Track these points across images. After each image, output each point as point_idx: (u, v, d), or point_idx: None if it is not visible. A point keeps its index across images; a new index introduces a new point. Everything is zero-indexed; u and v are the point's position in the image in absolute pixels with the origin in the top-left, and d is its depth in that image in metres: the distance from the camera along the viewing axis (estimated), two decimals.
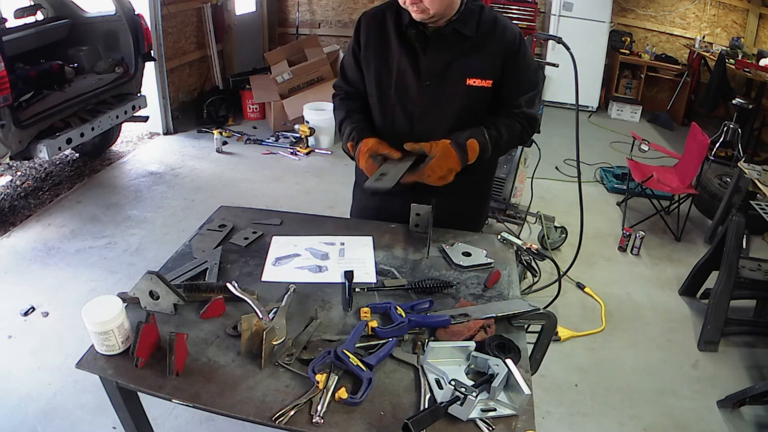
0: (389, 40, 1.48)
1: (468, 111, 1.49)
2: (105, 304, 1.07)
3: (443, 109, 1.49)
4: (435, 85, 1.47)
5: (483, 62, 1.45)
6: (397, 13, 1.47)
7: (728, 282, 2.68)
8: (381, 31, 1.50)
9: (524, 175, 3.26)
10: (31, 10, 3.89)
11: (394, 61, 1.49)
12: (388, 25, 1.48)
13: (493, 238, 1.60)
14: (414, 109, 1.51)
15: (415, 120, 1.51)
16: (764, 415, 2.29)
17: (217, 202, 1.79)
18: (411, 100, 1.50)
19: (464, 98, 1.48)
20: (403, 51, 1.47)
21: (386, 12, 1.50)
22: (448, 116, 1.50)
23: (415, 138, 1.48)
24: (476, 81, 1.45)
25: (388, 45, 1.49)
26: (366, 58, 1.54)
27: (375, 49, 1.51)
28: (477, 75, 1.45)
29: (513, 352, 1.13)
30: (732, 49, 5.78)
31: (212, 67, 5.64)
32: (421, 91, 1.48)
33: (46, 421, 2.02)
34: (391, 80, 1.50)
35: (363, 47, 1.53)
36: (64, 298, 2.68)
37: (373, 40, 1.51)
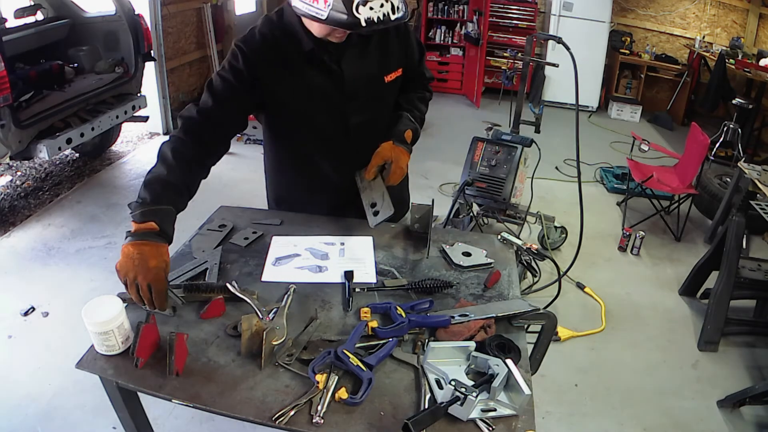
0: (294, 67, 1.38)
1: (391, 102, 1.57)
2: (105, 304, 1.07)
3: (375, 115, 1.52)
4: (360, 94, 1.46)
5: (389, 55, 1.48)
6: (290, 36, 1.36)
7: (728, 282, 2.68)
8: (278, 60, 1.37)
9: (524, 175, 3.26)
10: (31, 10, 3.89)
11: (308, 87, 1.40)
12: (285, 52, 1.37)
13: (493, 238, 1.60)
14: (349, 123, 1.48)
15: (351, 131, 1.49)
16: (764, 415, 2.29)
17: (217, 202, 1.78)
18: (342, 116, 1.47)
19: (386, 93, 1.54)
20: (315, 74, 1.39)
21: (276, 38, 1.37)
22: (379, 116, 1.54)
23: (352, 147, 1.50)
24: (392, 75, 1.50)
25: (294, 74, 1.39)
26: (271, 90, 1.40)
27: (280, 82, 1.39)
28: (391, 69, 1.50)
29: (513, 352, 1.13)
30: (732, 49, 5.78)
31: (212, 67, 5.64)
32: (349, 104, 1.46)
33: (46, 421, 2.02)
34: (313, 102, 1.43)
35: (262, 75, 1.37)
36: (64, 298, 2.68)
37: (273, 73, 1.38)
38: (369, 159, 1.48)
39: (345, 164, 1.54)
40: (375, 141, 1.49)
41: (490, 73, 6.46)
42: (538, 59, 5.28)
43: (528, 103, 4.70)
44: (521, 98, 3.34)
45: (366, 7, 1.13)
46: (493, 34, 6.34)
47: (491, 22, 6.16)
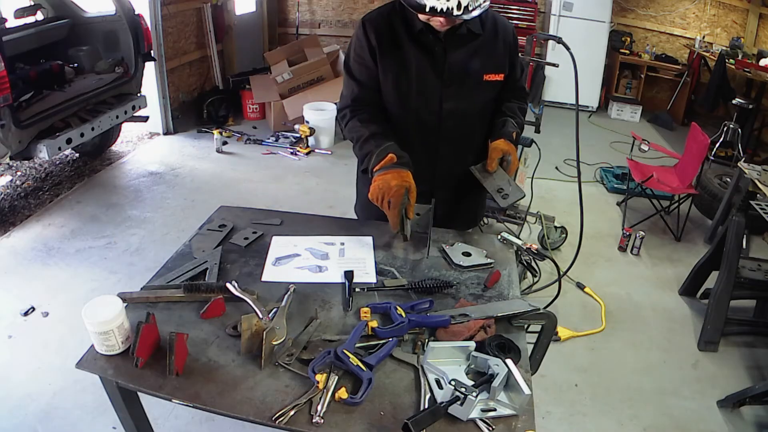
0: (402, 44, 1.50)
1: (486, 103, 1.63)
2: (105, 304, 1.07)
3: (468, 105, 1.59)
4: (457, 84, 1.54)
5: (495, 58, 1.57)
6: (404, 18, 1.49)
7: (728, 282, 2.67)
8: (391, 35, 1.50)
9: (524, 175, 3.25)
10: (31, 10, 3.89)
11: (411, 64, 1.51)
12: (397, 29, 1.50)
13: (493, 238, 1.60)
14: (441, 109, 1.55)
15: (444, 118, 1.57)
16: (764, 415, 2.29)
17: (217, 202, 1.78)
18: (435, 100, 1.54)
19: (483, 93, 1.60)
20: (420, 54, 1.50)
21: (391, 17, 1.51)
22: (472, 111, 1.61)
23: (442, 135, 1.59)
24: (492, 76, 1.58)
25: (401, 49, 1.50)
26: (383, 60, 1.52)
27: (390, 54, 1.51)
28: (492, 70, 1.57)
29: (513, 352, 1.13)
30: (732, 49, 5.78)
31: (212, 67, 5.64)
32: (444, 91, 1.53)
33: (46, 421, 2.02)
34: (411, 83, 1.52)
35: (378, 49, 1.51)
36: (64, 298, 2.67)
37: (386, 44, 1.51)
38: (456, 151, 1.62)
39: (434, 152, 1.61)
40: (464, 135, 1.61)
41: None
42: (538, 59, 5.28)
43: (528, 103, 4.69)
44: None
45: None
46: None
47: None
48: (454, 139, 1.60)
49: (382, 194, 1.42)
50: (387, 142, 1.48)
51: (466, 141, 1.64)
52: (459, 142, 1.62)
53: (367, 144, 1.50)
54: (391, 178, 1.42)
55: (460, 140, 1.62)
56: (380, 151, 1.46)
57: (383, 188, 1.42)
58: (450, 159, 1.63)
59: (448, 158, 1.63)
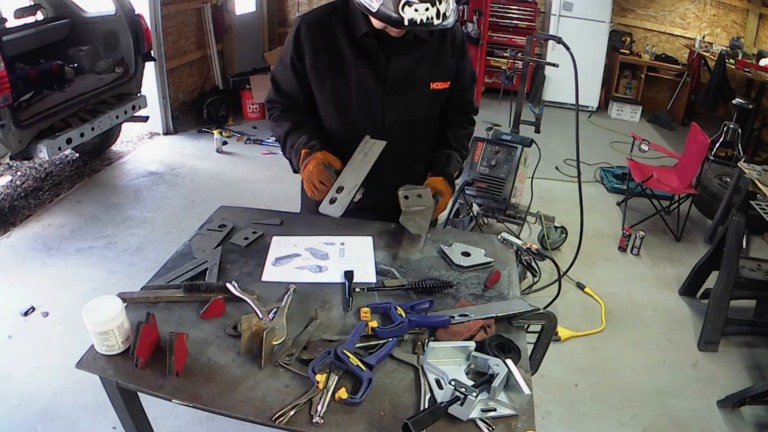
0: (341, 49, 1.42)
1: (431, 113, 1.56)
2: (105, 304, 1.07)
3: (412, 116, 1.52)
4: (401, 93, 1.46)
5: (442, 64, 1.50)
6: (345, 21, 1.41)
7: (728, 282, 2.67)
8: (329, 40, 1.42)
9: (524, 175, 3.25)
10: (31, 10, 3.88)
11: (350, 71, 1.43)
12: (336, 33, 1.41)
13: (493, 238, 1.60)
14: (383, 118, 1.48)
15: (386, 129, 1.50)
16: (764, 415, 2.29)
17: (217, 202, 1.78)
18: (377, 110, 1.48)
19: (429, 102, 1.53)
20: (360, 60, 1.42)
21: (330, 20, 1.42)
22: (416, 121, 1.54)
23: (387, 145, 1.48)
24: (439, 84, 1.50)
25: (340, 55, 1.42)
26: (315, 69, 1.45)
27: (327, 60, 1.43)
28: (439, 78, 1.50)
29: (513, 352, 1.13)
30: (732, 49, 5.78)
31: (212, 67, 5.64)
32: (387, 99, 1.46)
33: (46, 421, 2.02)
34: (351, 91, 1.45)
35: (309, 58, 1.44)
36: (64, 298, 2.67)
37: (323, 49, 1.42)
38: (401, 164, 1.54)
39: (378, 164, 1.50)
40: (408, 148, 1.53)
41: (490, 73, 6.46)
42: (538, 59, 5.28)
43: (528, 103, 4.70)
44: (521, 98, 3.34)
45: (411, 8, 1.20)
46: (493, 34, 6.34)
47: (491, 22, 6.15)
48: (399, 150, 1.51)
49: (311, 184, 1.44)
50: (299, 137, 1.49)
51: (412, 152, 1.57)
52: (404, 153, 1.54)
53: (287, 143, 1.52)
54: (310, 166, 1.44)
55: (405, 152, 1.54)
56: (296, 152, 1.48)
57: (309, 179, 1.44)
58: (395, 171, 1.53)
59: (393, 171, 1.52)
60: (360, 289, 1.31)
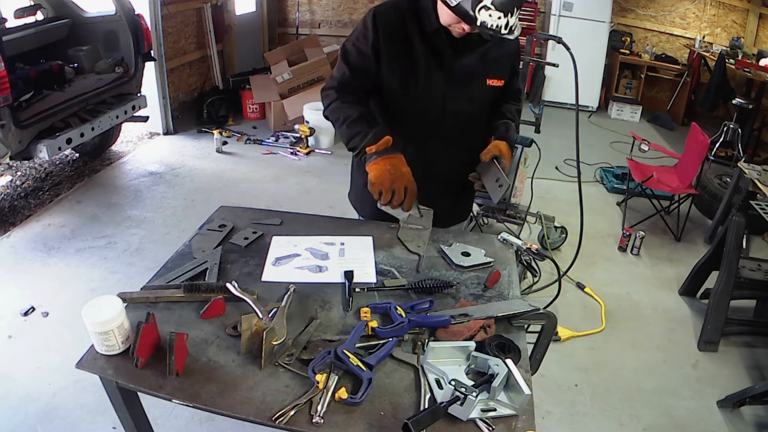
0: (412, 42, 1.51)
1: (486, 106, 1.67)
2: (105, 304, 1.07)
3: (470, 107, 1.61)
4: (462, 86, 1.56)
5: (498, 64, 1.61)
6: (417, 16, 1.50)
7: (728, 282, 2.67)
8: (402, 32, 1.51)
9: (524, 175, 3.25)
10: (31, 10, 3.88)
11: (419, 62, 1.52)
12: (409, 27, 1.51)
13: (493, 238, 1.60)
14: (444, 108, 1.57)
15: (446, 118, 1.59)
16: (764, 415, 2.29)
17: (217, 202, 1.78)
18: (439, 100, 1.56)
19: (485, 96, 1.64)
20: (428, 53, 1.51)
21: (403, 12, 1.51)
22: (473, 113, 1.64)
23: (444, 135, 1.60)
24: (494, 81, 1.61)
25: (412, 47, 1.51)
26: (389, 55, 1.52)
27: (400, 51, 1.52)
28: (495, 76, 1.61)
29: (513, 352, 1.13)
30: (732, 49, 5.78)
31: (212, 67, 5.64)
32: (450, 91, 1.56)
33: (46, 421, 2.02)
34: (419, 80, 1.54)
35: (384, 46, 1.51)
36: (64, 298, 2.67)
37: (396, 39, 1.51)
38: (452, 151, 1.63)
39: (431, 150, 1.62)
40: (463, 135, 1.63)
41: None
42: (538, 59, 5.28)
43: (528, 103, 4.69)
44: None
45: (487, 13, 1.31)
46: None
47: None
48: (453, 138, 1.62)
49: (392, 180, 1.44)
50: (377, 124, 1.49)
51: (464, 141, 1.65)
52: (456, 142, 1.63)
53: (357, 124, 1.49)
54: (400, 163, 1.46)
55: (457, 140, 1.63)
56: (376, 132, 1.46)
57: (395, 174, 1.44)
58: (445, 158, 1.65)
59: (444, 157, 1.64)
60: (360, 289, 1.31)
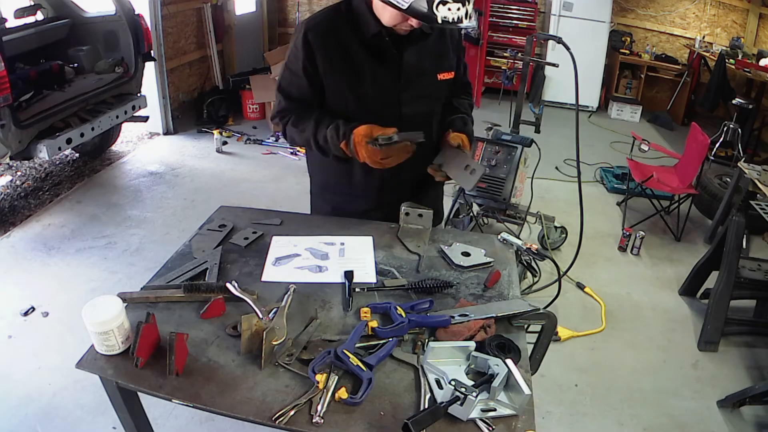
0: (353, 51, 1.44)
1: (440, 101, 1.63)
2: (105, 304, 1.07)
3: (426, 106, 1.58)
4: (414, 86, 1.51)
5: (444, 56, 1.56)
6: (352, 22, 1.43)
7: (728, 282, 2.67)
8: (340, 43, 1.43)
9: (524, 175, 3.25)
10: (31, 10, 3.89)
11: (365, 71, 1.45)
12: (346, 36, 1.43)
13: (493, 238, 1.60)
14: (400, 112, 1.52)
15: (403, 123, 1.50)
16: (764, 415, 2.29)
17: (217, 202, 1.78)
18: (394, 105, 1.51)
19: (438, 92, 1.59)
20: (373, 60, 1.45)
21: (337, 22, 1.44)
22: (429, 111, 1.60)
23: None
24: (445, 75, 1.57)
25: (352, 57, 1.44)
26: (330, 72, 1.46)
27: (341, 64, 1.45)
28: (445, 69, 1.56)
29: (513, 352, 1.13)
30: (732, 49, 5.78)
31: (212, 67, 5.64)
32: (402, 94, 1.50)
33: (46, 421, 2.02)
34: (368, 90, 1.47)
35: (322, 65, 1.44)
36: (64, 298, 2.68)
37: (335, 54, 1.44)
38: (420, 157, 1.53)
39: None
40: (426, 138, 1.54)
41: (490, 73, 6.46)
42: (538, 59, 5.28)
43: (528, 103, 4.70)
44: (521, 98, 3.34)
45: (445, 7, 1.22)
46: (493, 34, 6.34)
47: (491, 22, 6.16)
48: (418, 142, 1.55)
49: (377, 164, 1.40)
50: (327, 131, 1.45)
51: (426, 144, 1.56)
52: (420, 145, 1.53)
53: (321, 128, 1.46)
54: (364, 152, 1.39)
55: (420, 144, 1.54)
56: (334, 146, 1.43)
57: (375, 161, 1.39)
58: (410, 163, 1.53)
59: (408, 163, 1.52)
60: (360, 289, 1.31)
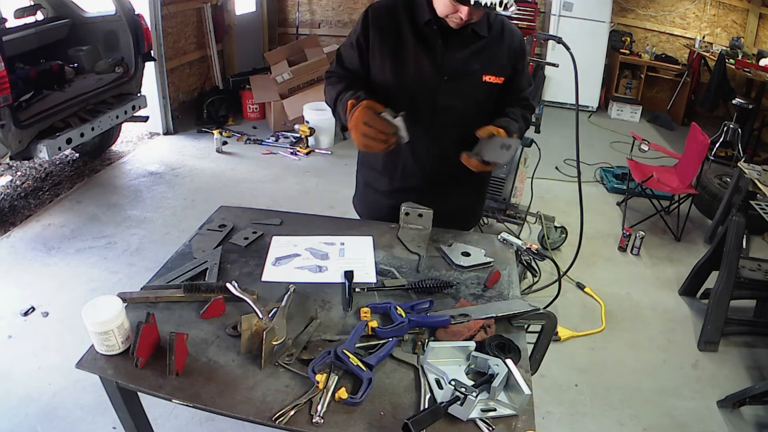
0: (404, 35, 1.50)
1: (482, 104, 1.62)
2: (105, 304, 1.07)
3: (463, 103, 1.58)
4: (454, 80, 1.53)
5: (496, 61, 1.56)
6: (410, 9, 1.49)
7: (728, 282, 2.67)
8: (394, 25, 1.50)
9: (524, 175, 3.25)
10: (31, 10, 3.89)
11: (410, 56, 1.51)
12: (401, 20, 1.50)
13: (493, 238, 1.60)
14: (435, 102, 1.55)
15: (438, 113, 1.56)
16: (764, 415, 2.29)
17: (217, 202, 1.78)
18: (431, 94, 1.54)
19: (480, 93, 1.59)
20: (420, 47, 1.50)
21: (397, 6, 1.51)
22: (466, 109, 1.59)
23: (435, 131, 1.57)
24: (491, 78, 1.56)
25: (402, 40, 1.50)
26: (377, 52, 1.52)
27: (390, 44, 1.51)
28: (492, 72, 1.56)
29: (513, 352, 1.13)
30: (732, 49, 5.78)
31: (212, 67, 5.64)
32: (441, 85, 1.53)
33: (46, 421, 2.02)
34: (408, 75, 1.52)
35: (373, 41, 1.52)
36: (64, 298, 2.67)
37: (387, 34, 1.51)
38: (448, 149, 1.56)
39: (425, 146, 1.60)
40: (454, 135, 1.58)
41: None
42: (538, 59, 5.28)
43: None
44: None
45: None
46: None
47: None
48: (445, 135, 1.59)
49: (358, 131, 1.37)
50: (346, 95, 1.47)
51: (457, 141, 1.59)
52: (449, 139, 1.59)
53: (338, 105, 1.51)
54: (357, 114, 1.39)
55: (450, 138, 1.59)
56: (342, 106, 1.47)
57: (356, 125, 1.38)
58: (441, 156, 1.61)
59: (439, 155, 1.62)
60: (360, 289, 1.31)
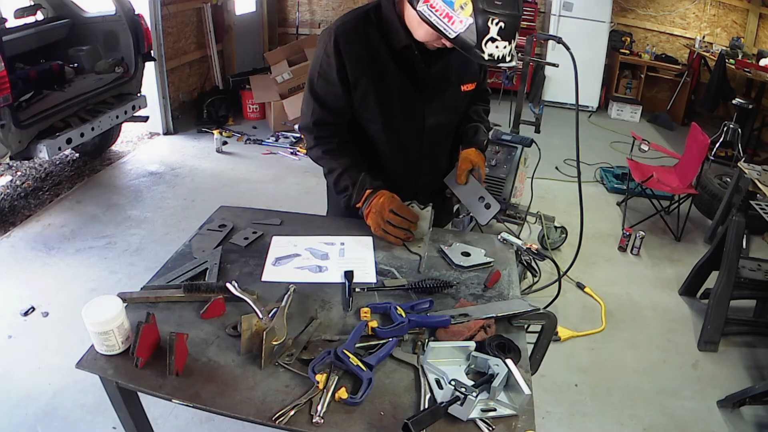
0: (381, 60, 1.41)
1: (462, 111, 1.63)
2: (105, 304, 1.07)
3: (447, 118, 1.58)
4: (438, 98, 1.51)
5: (469, 68, 1.54)
6: (381, 31, 1.39)
7: (728, 282, 2.67)
8: (368, 52, 1.40)
9: (524, 175, 3.26)
10: (31, 10, 3.89)
11: (392, 81, 1.43)
12: (375, 45, 1.40)
13: (493, 238, 1.60)
14: (423, 125, 1.52)
15: (426, 135, 1.55)
16: (764, 415, 2.29)
17: (217, 202, 1.78)
18: (418, 117, 1.51)
19: (460, 102, 1.59)
20: (400, 70, 1.43)
21: (366, 29, 1.39)
22: (452, 121, 1.61)
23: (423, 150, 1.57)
24: (468, 86, 1.56)
25: (380, 65, 1.41)
26: (359, 81, 1.42)
27: (369, 72, 1.41)
28: (467, 80, 1.55)
29: (513, 352, 1.13)
30: (732, 49, 5.78)
31: (212, 67, 5.64)
32: (427, 106, 1.50)
33: (46, 421, 2.02)
34: (394, 101, 1.46)
35: (350, 72, 1.40)
36: (64, 298, 2.68)
37: (364, 63, 1.40)
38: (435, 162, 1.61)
39: (412, 168, 1.59)
40: (443, 146, 1.61)
41: (491, 73, 6.39)
42: (538, 59, 5.28)
43: (528, 103, 4.70)
44: (521, 98, 3.34)
45: (494, 45, 1.18)
46: None
47: None
48: (434, 151, 1.61)
49: (381, 217, 1.44)
50: (360, 175, 1.47)
51: (443, 150, 1.64)
52: (438, 153, 1.62)
53: (342, 179, 1.50)
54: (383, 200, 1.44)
55: (438, 151, 1.62)
56: (359, 188, 1.47)
57: (380, 212, 1.44)
58: (430, 170, 1.64)
59: (428, 170, 1.63)
60: (360, 289, 1.31)
